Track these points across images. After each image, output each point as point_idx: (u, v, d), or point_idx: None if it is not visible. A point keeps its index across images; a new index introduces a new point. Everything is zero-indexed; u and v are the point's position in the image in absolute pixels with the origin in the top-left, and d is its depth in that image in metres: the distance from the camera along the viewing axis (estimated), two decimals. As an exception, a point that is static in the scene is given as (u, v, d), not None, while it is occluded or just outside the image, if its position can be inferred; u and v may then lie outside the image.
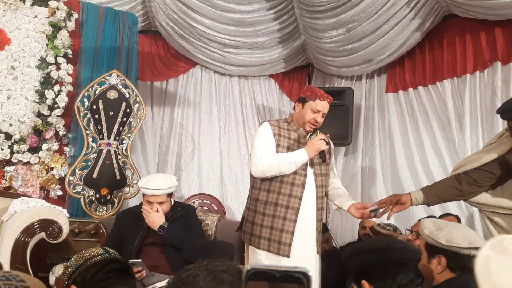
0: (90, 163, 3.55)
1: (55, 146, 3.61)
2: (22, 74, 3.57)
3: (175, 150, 4.65)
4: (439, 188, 2.22)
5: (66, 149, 3.70)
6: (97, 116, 3.57)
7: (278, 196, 2.32)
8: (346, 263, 1.33)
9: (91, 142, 3.59)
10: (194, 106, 4.78)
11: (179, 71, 4.78)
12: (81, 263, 1.49)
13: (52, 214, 2.74)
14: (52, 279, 2.61)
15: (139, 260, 2.37)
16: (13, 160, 3.45)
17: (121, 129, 3.65)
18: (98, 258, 1.51)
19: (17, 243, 2.59)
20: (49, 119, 3.57)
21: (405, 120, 4.12)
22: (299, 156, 2.26)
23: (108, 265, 1.49)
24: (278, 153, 2.34)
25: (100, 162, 3.55)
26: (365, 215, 2.35)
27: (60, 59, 3.65)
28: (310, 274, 0.55)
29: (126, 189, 3.67)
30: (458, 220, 3.22)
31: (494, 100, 3.39)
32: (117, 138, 3.64)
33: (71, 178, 3.49)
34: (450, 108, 3.75)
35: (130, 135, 3.73)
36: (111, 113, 3.59)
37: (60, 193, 3.59)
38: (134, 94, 3.72)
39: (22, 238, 2.61)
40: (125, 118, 3.65)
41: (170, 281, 1.00)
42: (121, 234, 2.64)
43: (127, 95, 3.68)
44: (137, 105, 3.72)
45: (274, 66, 4.85)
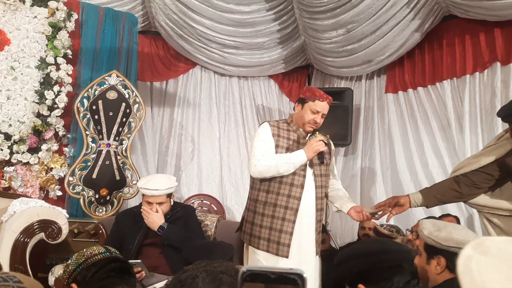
0: (89, 164, 3.55)
1: (55, 147, 3.61)
2: (22, 74, 3.58)
3: (175, 150, 4.65)
4: (438, 190, 2.22)
5: (66, 149, 3.71)
6: (96, 116, 3.57)
7: (277, 196, 2.32)
8: (339, 268, 1.32)
9: (91, 143, 3.59)
10: (193, 107, 4.78)
11: (179, 72, 4.78)
12: (82, 262, 1.50)
13: (51, 215, 2.74)
14: (51, 280, 2.61)
15: (139, 260, 2.37)
16: (12, 160, 3.46)
17: (120, 129, 3.65)
18: (99, 257, 1.51)
19: (16, 244, 2.58)
20: (48, 120, 3.57)
21: (404, 120, 4.12)
22: (298, 157, 2.26)
23: (108, 264, 1.49)
24: (277, 153, 2.34)
25: (99, 163, 3.55)
26: (364, 218, 2.36)
27: (59, 60, 3.66)
28: (305, 276, 0.56)
29: (126, 189, 3.67)
30: (458, 221, 3.22)
31: (493, 101, 3.39)
32: (116, 138, 3.64)
33: (71, 178, 3.49)
34: (449, 108, 3.75)
35: (129, 136, 3.73)
36: (111, 113, 3.59)
37: (59, 193, 3.59)
38: (134, 94, 3.72)
39: (22, 239, 2.60)
40: (124, 119, 3.65)
41: (169, 282, 1.00)
42: (120, 234, 2.64)
43: (127, 96, 3.68)
44: (136, 105, 3.72)
45: (274, 67, 4.86)
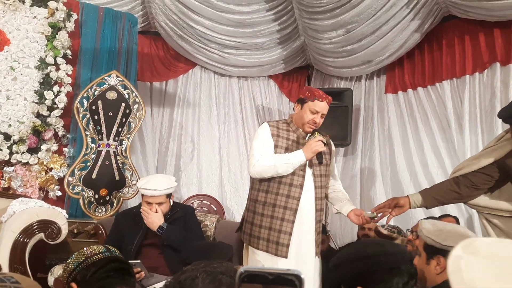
0: (89, 164, 3.55)
1: (54, 147, 3.61)
2: (22, 74, 3.57)
3: (175, 150, 4.64)
4: (438, 191, 2.21)
5: (65, 149, 3.70)
6: (96, 116, 3.57)
7: (276, 197, 2.32)
8: (337, 271, 1.31)
9: (90, 143, 3.59)
10: (193, 107, 4.78)
11: (179, 72, 4.78)
12: (81, 261, 1.49)
13: (51, 215, 2.73)
14: (50, 280, 2.61)
15: (138, 261, 2.37)
16: (12, 160, 3.45)
17: (120, 129, 3.64)
18: (99, 256, 1.51)
19: (16, 244, 2.58)
20: (48, 120, 3.57)
21: (404, 121, 4.12)
22: (297, 157, 2.26)
23: (108, 263, 1.48)
24: (276, 154, 2.34)
25: (99, 163, 3.55)
26: (363, 222, 2.36)
27: (59, 60, 3.66)
28: (303, 277, 0.55)
29: (125, 189, 3.67)
30: (457, 221, 3.22)
31: (493, 101, 3.39)
32: (116, 138, 3.64)
33: (70, 178, 3.49)
34: (449, 109, 3.75)
35: (129, 136, 3.73)
36: (110, 113, 3.59)
37: (59, 193, 3.59)
38: (134, 94, 3.72)
39: (21, 239, 2.60)
40: (124, 119, 3.65)
41: (168, 283, 1.00)
42: (120, 234, 2.63)
43: (127, 96, 3.67)
44: (136, 105, 3.72)
45: (274, 67, 4.85)
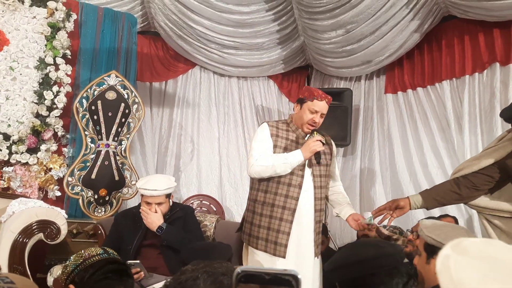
0: (88, 164, 3.55)
1: (54, 147, 3.61)
2: (21, 74, 3.57)
3: (174, 151, 4.64)
4: (438, 192, 2.21)
5: (65, 149, 3.70)
6: (95, 116, 3.57)
7: (275, 196, 2.32)
8: (336, 274, 1.30)
9: (90, 143, 3.58)
10: (193, 107, 4.78)
11: (178, 72, 4.78)
12: (79, 263, 1.49)
13: (50, 215, 2.73)
14: (50, 280, 2.61)
15: (137, 261, 2.37)
16: (11, 160, 3.45)
17: (119, 129, 3.64)
18: (97, 258, 1.51)
19: (15, 244, 2.58)
20: (47, 120, 3.57)
21: (404, 121, 4.12)
22: (295, 157, 2.26)
23: (106, 265, 1.48)
24: (275, 153, 2.34)
25: (98, 163, 3.55)
26: (361, 227, 2.37)
27: (58, 60, 3.65)
28: (300, 277, 0.55)
29: (125, 190, 3.66)
30: (456, 221, 3.21)
31: (493, 101, 3.39)
32: (115, 139, 3.64)
33: (70, 179, 3.48)
34: (449, 109, 3.75)
35: (128, 136, 3.73)
36: (110, 113, 3.59)
37: (58, 194, 3.59)
38: (133, 94, 3.72)
39: (20, 239, 2.60)
40: (123, 119, 3.65)
41: (167, 283, 0.99)
42: (119, 235, 2.63)
43: (126, 96, 3.67)
44: (135, 105, 3.72)
45: (273, 67, 4.85)
